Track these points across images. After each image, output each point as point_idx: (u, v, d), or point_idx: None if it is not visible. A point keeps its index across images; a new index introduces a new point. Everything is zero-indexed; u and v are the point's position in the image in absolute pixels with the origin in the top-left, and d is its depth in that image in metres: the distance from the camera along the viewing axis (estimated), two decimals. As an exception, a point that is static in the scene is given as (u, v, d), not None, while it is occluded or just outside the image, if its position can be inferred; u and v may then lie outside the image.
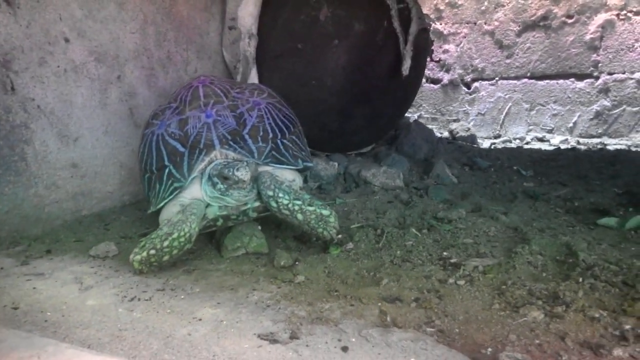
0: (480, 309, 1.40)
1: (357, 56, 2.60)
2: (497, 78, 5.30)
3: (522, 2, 4.94)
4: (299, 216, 1.76)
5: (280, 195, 1.76)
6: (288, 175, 1.91)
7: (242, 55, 2.78)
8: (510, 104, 5.30)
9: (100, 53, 2.33)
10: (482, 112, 5.38)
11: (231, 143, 1.80)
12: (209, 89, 1.98)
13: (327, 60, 2.60)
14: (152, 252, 1.64)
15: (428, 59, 3.25)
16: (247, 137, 1.85)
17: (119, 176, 2.46)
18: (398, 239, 1.97)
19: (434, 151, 3.43)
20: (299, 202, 1.76)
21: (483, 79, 5.39)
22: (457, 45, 5.41)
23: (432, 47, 3.31)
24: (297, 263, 1.78)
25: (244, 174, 1.67)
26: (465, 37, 5.34)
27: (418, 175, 3.01)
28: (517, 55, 5.13)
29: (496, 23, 5.20)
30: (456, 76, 5.47)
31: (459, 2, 5.15)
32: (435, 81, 5.64)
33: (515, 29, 5.11)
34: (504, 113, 5.34)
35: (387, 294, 1.51)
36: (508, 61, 5.24)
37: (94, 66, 2.31)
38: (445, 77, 5.53)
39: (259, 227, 1.95)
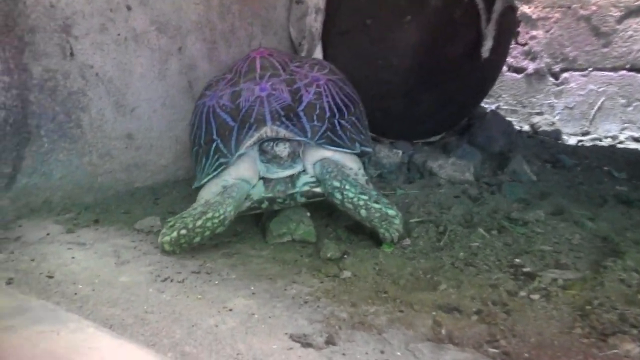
0: (557, 331, 1.17)
1: (430, 34, 2.36)
2: (590, 69, 4.77)
3: (627, -17, 4.36)
4: (363, 212, 1.61)
5: (347, 187, 1.62)
6: (350, 162, 1.74)
7: (307, 31, 2.63)
8: (603, 98, 4.76)
9: (162, 23, 2.27)
10: (570, 106, 4.89)
11: (284, 120, 1.66)
12: (267, 60, 1.85)
13: (397, 38, 2.38)
14: (183, 232, 1.55)
15: (512, 43, 2.92)
16: (301, 114, 1.69)
17: (174, 150, 2.40)
18: (462, 238, 1.74)
19: (511, 145, 3.11)
20: (365, 197, 1.62)
21: (574, 69, 4.88)
22: (547, 31, 4.93)
23: (519, 29, 2.97)
24: (345, 256, 1.61)
25: (282, 150, 1.62)
26: (556, 23, 4.84)
27: (491, 170, 2.72)
28: (616, 44, 4.58)
29: (594, 7, 4.66)
30: (543, 65, 4.99)
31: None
32: (518, 70, 5.19)
33: (616, 14, 4.55)
34: (596, 108, 4.81)
35: (444, 302, 1.31)
36: (605, 50, 4.70)
37: (155, 36, 2.25)
38: (531, 66, 5.07)
39: (308, 214, 1.80)
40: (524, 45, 4.05)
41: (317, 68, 1.89)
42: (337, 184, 1.61)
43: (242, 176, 1.68)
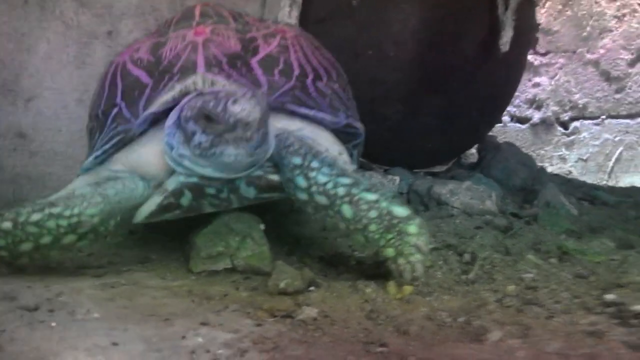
0: None
1: (433, 18, 1.85)
2: (603, 116, 4.32)
3: (636, 25, 4.04)
4: (346, 209, 0.94)
5: (315, 165, 0.96)
6: (327, 143, 1.10)
7: (280, 28, 2.12)
8: (621, 148, 4.26)
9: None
10: (584, 158, 4.37)
11: (225, 67, 1.06)
12: (211, 9, 1.29)
13: (390, 22, 1.86)
14: (7, 225, 0.95)
15: (530, 51, 2.45)
16: (255, 65, 1.10)
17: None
18: (504, 268, 1.11)
19: (533, 180, 2.51)
20: (347, 182, 0.95)
21: (585, 118, 4.43)
22: (552, 78, 4.53)
23: (537, 35, 2.52)
24: (311, 288, 0.94)
25: (247, 109, 0.88)
26: (561, 69, 4.46)
27: (515, 205, 2.11)
28: (630, 89, 4.17)
29: (602, 51, 4.30)
30: (550, 114, 4.54)
31: (554, 28, 4.35)
32: (522, 120, 4.72)
33: (626, 57, 4.18)
34: (614, 159, 4.29)
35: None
36: (618, 96, 4.28)
37: (73, 9, 1.71)
38: (536, 115, 4.61)
39: (262, 226, 1.12)
40: (544, 55, 3.59)
41: (284, 26, 1.33)
42: (298, 160, 0.96)
43: (140, 167, 1.05)
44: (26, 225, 0.94)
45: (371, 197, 0.94)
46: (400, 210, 0.95)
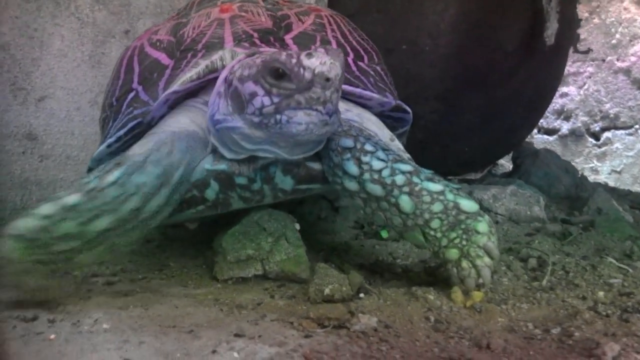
0: None
1: (472, 10, 1.72)
2: (637, 126, 4.12)
3: (670, 31, 3.87)
4: (405, 201, 0.79)
5: (369, 149, 0.81)
6: (375, 127, 0.95)
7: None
8: (658, 158, 4.04)
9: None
10: (618, 169, 4.16)
11: (257, 42, 0.93)
12: None
13: (425, 15, 1.73)
14: (44, 222, 0.72)
15: (571, 50, 2.29)
16: (290, 42, 0.97)
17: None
18: (582, 273, 0.96)
19: (577, 187, 2.33)
20: (405, 169, 0.81)
21: (617, 128, 4.23)
22: (580, 88, 4.36)
23: (579, 32, 2.37)
24: (361, 295, 0.78)
25: (327, 62, 0.71)
26: (590, 77, 4.29)
27: (562, 212, 1.94)
28: (665, 97, 3.96)
29: (633, 59, 4.13)
30: (579, 125, 4.36)
31: (582, 36, 4.19)
32: (550, 131, 4.55)
33: (660, 64, 4.00)
34: (651, 170, 4.07)
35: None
36: (652, 105, 4.08)
37: (89, 5, 1.61)
38: (565, 126, 4.43)
39: (297, 225, 0.97)
40: (586, 52, 3.42)
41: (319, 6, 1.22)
42: (348, 142, 0.81)
43: (185, 129, 0.87)
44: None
45: (435, 187, 0.79)
46: (469, 205, 0.80)
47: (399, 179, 0.79)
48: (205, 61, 0.89)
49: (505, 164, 3.06)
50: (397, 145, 0.95)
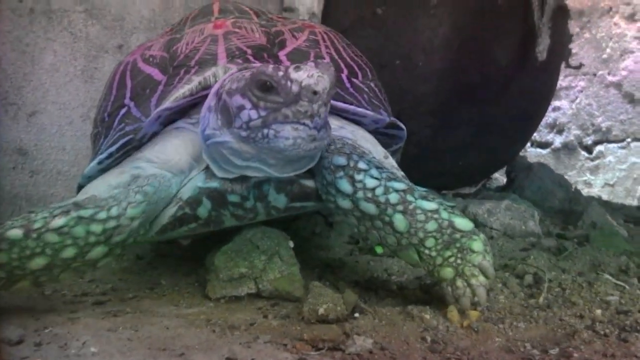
0: None
1: (465, 26, 1.73)
2: (629, 139, 4.14)
3: (659, 46, 3.92)
4: (399, 220, 0.78)
5: (362, 167, 0.81)
6: (369, 145, 0.94)
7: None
8: (650, 171, 4.06)
9: (96, 6, 1.62)
10: (611, 182, 4.17)
11: (251, 58, 0.92)
12: (231, 5, 1.17)
13: (419, 31, 1.74)
14: (15, 233, 0.74)
15: (563, 64, 2.31)
16: (284, 59, 0.96)
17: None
18: (579, 290, 0.95)
19: (571, 201, 2.34)
20: (399, 187, 0.80)
21: (609, 141, 4.25)
22: (572, 102, 4.40)
23: (570, 47, 2.40)
24: (356, 315, 0.77)
25: (314, 75, 0.71)
26: (582, 92, 4.34)
27: (556, 226, 1.94)
28: (656, 110, 4.00)
29: (624, 72, 4.18)
30: (572, 138, 4.39)
31: (573, 51, 4.24)
32: (542, 145, 4.57)
33: (651, 78, 4.05)
34: (643, 183, 4.09)
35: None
36: (643, 118, 4.12)
37: (82, 20, 1.61)
38: (557, 140, 4.46)
39: (291, 243, 0.96)
40: (578, 67, 3.45)
41: (310, 23, 1.22)
42: (341, 160, 0.80)
43: (168, 162, 0.87)
44: (44, 233, 0.74)
45: (430, 205, 0.78)
46: (464, 223, 0.80)
47: (393, 198, 0.78)
48: (198, 77, 0.89)
49: (500, 177, 3.06)
50: (391, 162, 0.94)
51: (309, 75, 0.70)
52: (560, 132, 4.50)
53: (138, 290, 0.97)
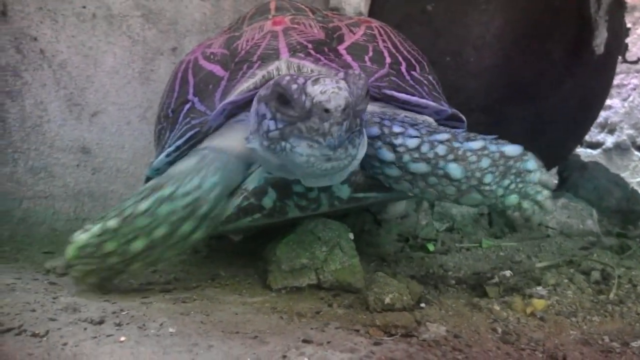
0: None
1: (518, 21, 1.69)
2: (687, 139, 3.94)
3: None
4: (453, 169, 0.78)
5: (397, 130, 0.80)
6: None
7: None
8: None
9: (152, 10, 1.67)
10: (668, 184, 3.96)
11: (312, 52, 0.93)
12: (287, 2, 1.19)
13: (470, 26, 1.71)
14: (112, 223, 0.79)
15: (619, 59, 2.23)
16: (343, 52, 0.97)
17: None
18: None
19: (629, 201, 2.24)
20: (442, 137, 0.80)
21: (665, 141, 4.04)
22: (624, 100, 4.23)
23: (627, 41, 2.31)
24: (422, 305, 0.76)
25: (329, 90, 0.67)
26: (635, 89, 4.16)
27: (615, 226, 1.87)
28: None
29: (681, 69, 3.97)
30: (624, 138, 4.21)
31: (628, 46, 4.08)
32: (593, 145, 4.40)
33: None
34: None
35: None
36: (703, 115, 3.91)
37: (140, 24, 1.66)
38: (609, 140, 4.29)
39: (351, 235, 0.96)
40: (635, 62, 3.32)
41: (364, 19, 1.22)
42: (374, 131, 0.80)
43: (233, 149, 0.88)
44: (135, 218, 0.79)
45: (477, 144, 0.78)
46: (513, 149, 0.80)
47: (441, 150, 0.78)
48: (261, 72, 0.90)
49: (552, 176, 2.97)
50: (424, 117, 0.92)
51: (322, 92, 0.66)
52: (611, 131, 4.33)
53: (200, 281, 0.99)
